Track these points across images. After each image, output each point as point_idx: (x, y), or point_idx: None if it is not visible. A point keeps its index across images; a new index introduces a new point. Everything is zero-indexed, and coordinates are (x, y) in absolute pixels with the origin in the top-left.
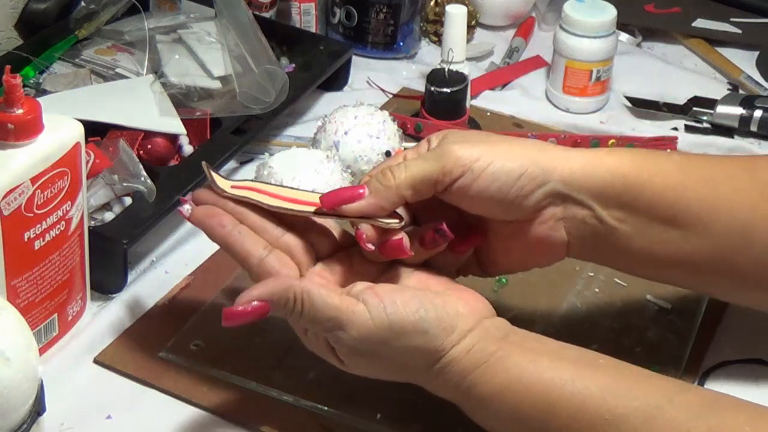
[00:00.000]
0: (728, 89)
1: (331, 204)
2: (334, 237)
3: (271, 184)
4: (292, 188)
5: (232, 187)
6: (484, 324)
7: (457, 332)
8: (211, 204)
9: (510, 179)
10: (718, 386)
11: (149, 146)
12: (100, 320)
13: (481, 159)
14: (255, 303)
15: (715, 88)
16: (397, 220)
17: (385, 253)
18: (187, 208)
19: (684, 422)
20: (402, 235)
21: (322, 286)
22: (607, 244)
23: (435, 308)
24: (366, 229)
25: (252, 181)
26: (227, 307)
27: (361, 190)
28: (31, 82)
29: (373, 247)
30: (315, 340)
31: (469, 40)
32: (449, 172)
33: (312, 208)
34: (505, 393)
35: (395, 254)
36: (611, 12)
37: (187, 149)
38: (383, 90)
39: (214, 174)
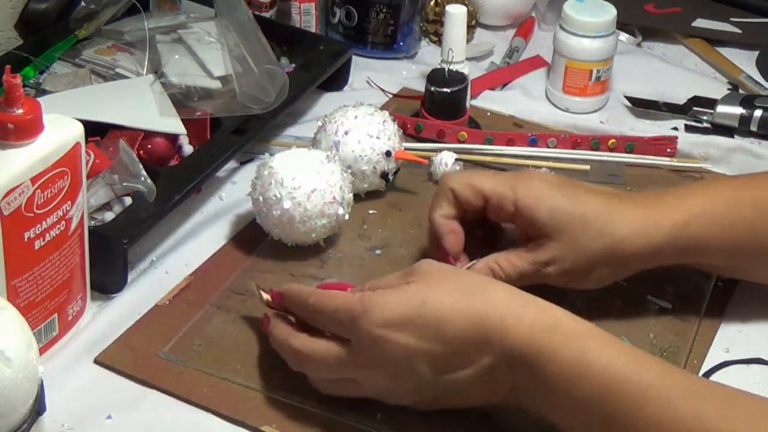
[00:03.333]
0: (728, 89)
1: None
2: None
3: None
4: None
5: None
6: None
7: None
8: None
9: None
10: None
11: (149, 146)
12: (100, 320)
13: (570, 282)
14: None
15: (715, 87)
16: None
17: None
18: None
19: None
20: None
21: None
22: None
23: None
24: None
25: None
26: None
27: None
28: (31, 82)
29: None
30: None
31: (469, 40)
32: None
33: None
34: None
35: None
36: (611, 12)
37: (187, 149)
38: (383, 90)
39: (261, 293)
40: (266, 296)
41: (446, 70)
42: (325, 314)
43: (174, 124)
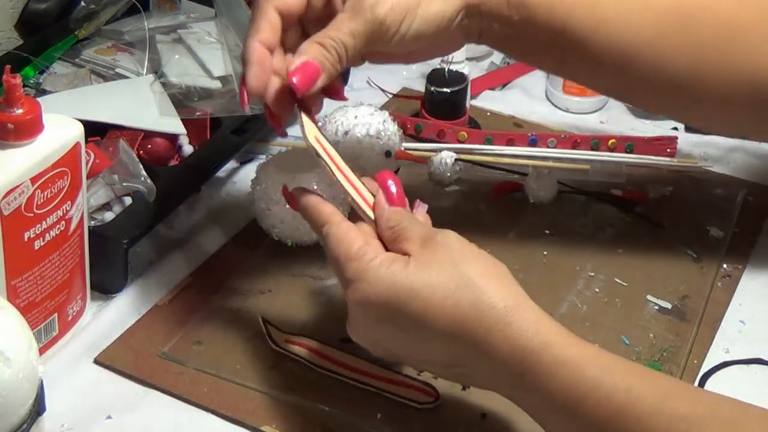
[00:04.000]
0: None
1: (307, 87)
2: None
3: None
4: (353, 173)
5: (316, 138)
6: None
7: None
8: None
9: (433, 26)
10: (718, 387)
11: (149, 146)
12: (100, 320)
13: (406, 17)
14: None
15: None
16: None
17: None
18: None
19: None
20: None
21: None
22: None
23: None
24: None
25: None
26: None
27: (316, 65)
28: (31, 82)
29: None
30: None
31: None
32: (380, 39)
33: (354, 194)
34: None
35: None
36: None
37: (187, 149)
38: (383, 90)
39: (304, 117)
40: (273, 330)
41: (446, 70)
42: (327, 249)
43: (174, 124)
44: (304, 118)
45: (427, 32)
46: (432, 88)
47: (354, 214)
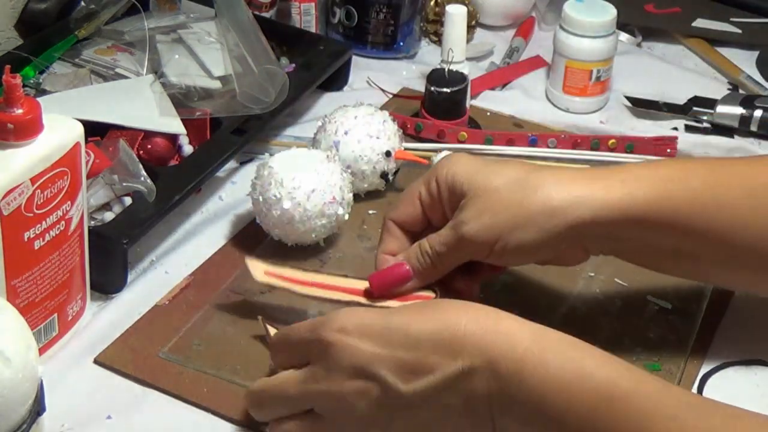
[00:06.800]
0: (728, 89)
1: (383, 289)
2: None
3: (306, 270)
4: (327, 274)
5: (266, 273)
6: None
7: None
8: None
9: (533, 249)
10: (718, 388)
11: (149, 146)
12: (100, 320)
13: (499, 240)
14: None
15: (715, 88)
16: (432, 293)
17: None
18: None
19: None
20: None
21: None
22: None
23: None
24: None
25: (286, 267)
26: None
27: (405, 269)
28: (31, 82)
29: None
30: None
31: (469, 40)
32: (475, 255)
33: (343, 295)
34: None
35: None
36: (611, 12)
37: (187, 149)
38: (383, 90)
39: (248, 261)
40: (272, 330)
41: (446, 70)
42: (290, 336)
43: (174, 124)
44: (247, 261)
45: (525, 253)
46: (432, 88)
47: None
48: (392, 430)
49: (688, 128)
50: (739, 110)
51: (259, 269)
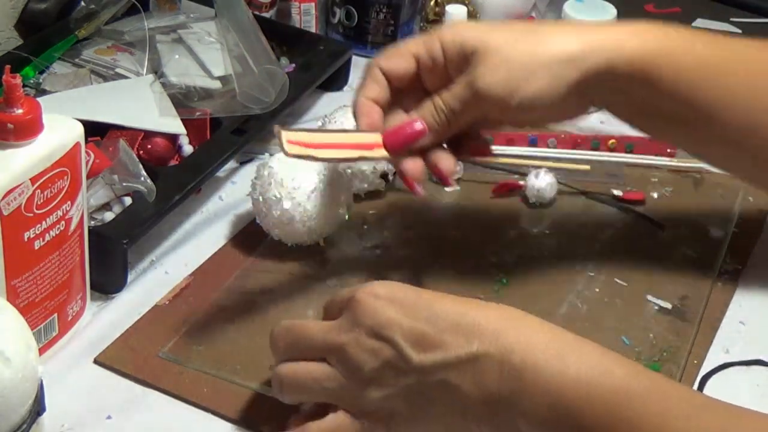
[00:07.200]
0: None
1: (398, 146)
2: None
3: (324, 130)
4: (343, 131)
5: (289, 142)
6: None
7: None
8: None
9: (545, 101)
10: (718, 388)
11: (149, 146)
12: (100, 320)
13: (513, 93)
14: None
15: None
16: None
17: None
18: None
19: None
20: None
21: None
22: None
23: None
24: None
25: (304, 131)
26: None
27: (420, 126)
28: (31, 82)
29: (423, 192)
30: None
31: None
32: (489, 110)
33: (362, 152)
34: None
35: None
36: (611, 12)
37: (187, 149)
38: None
39: (282, 132)
40: (285, 137)
41: None
42: (334, 297)
43: (174, 124)
44: (276, 130)
45: (539, 105)
46: None
47: None
48: (393, 398)
49: None
50: None
51: (284, 139)
